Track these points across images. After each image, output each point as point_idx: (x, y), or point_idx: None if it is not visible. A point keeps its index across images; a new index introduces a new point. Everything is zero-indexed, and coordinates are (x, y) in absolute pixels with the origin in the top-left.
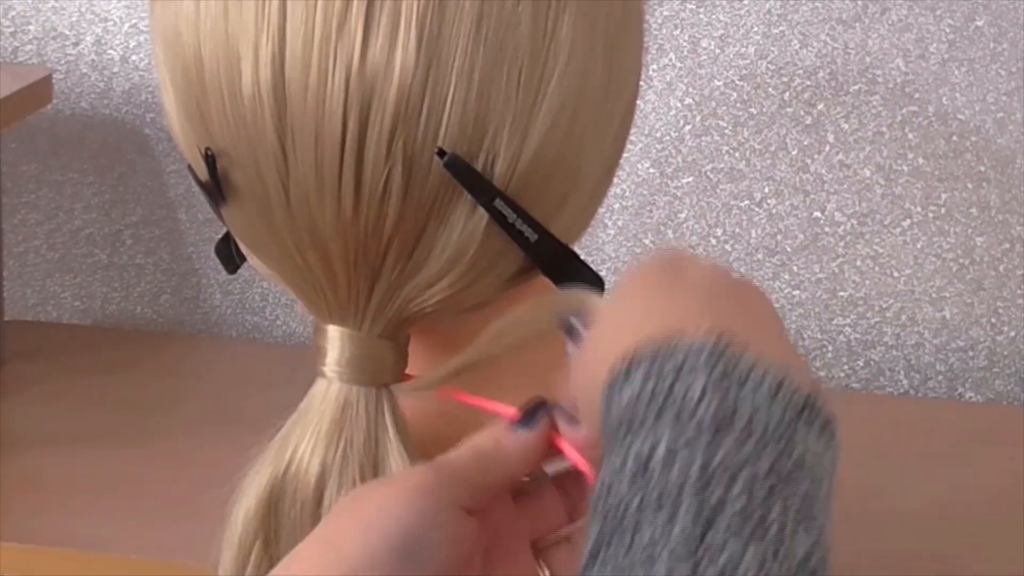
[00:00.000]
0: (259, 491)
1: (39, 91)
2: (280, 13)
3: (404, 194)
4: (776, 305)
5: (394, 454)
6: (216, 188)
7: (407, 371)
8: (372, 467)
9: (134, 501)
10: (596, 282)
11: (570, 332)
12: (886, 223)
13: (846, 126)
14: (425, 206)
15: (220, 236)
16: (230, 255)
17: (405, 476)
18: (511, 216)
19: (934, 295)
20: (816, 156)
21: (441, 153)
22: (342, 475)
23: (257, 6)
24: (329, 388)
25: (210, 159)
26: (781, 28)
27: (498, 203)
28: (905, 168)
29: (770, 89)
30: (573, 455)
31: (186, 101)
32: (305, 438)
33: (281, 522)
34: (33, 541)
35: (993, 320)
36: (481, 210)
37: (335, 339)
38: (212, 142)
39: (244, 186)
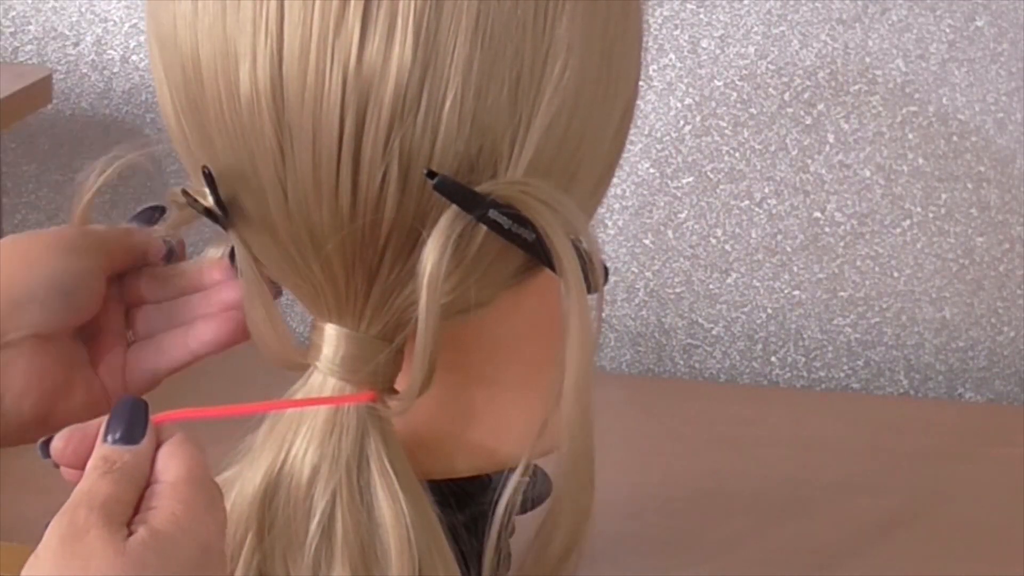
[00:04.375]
0: (255, 484)
1: (39, 91)
2: (278, 13)
3: (401, 193)
4: (776, 305)
5: (375, 459)
6: (216, 197)
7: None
8: (356, 468)
9: None
10: (601, 271)
11: None
12: (886, 223)
13: (846, 126)
14: (422, 206)
15: None
16: (233, 260)
17: (59, 233)
18: (507, 223)
19: (934, 295)
20: (816, 156)
21: (431, 175)
22: (331, 473)
23: (255, 6)
24: (324, 385)
25: (208, 176)
26: (781, 28)
27: (492, 213)
28: (905, 168)
29: (770, 89)
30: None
31: (183, 102)
32: (300, 434)
33: (275, 516)
34: (33, 541)
35: (993, 320)
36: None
37: (332, 337)
38: (210, 143)
39: (242, 188)
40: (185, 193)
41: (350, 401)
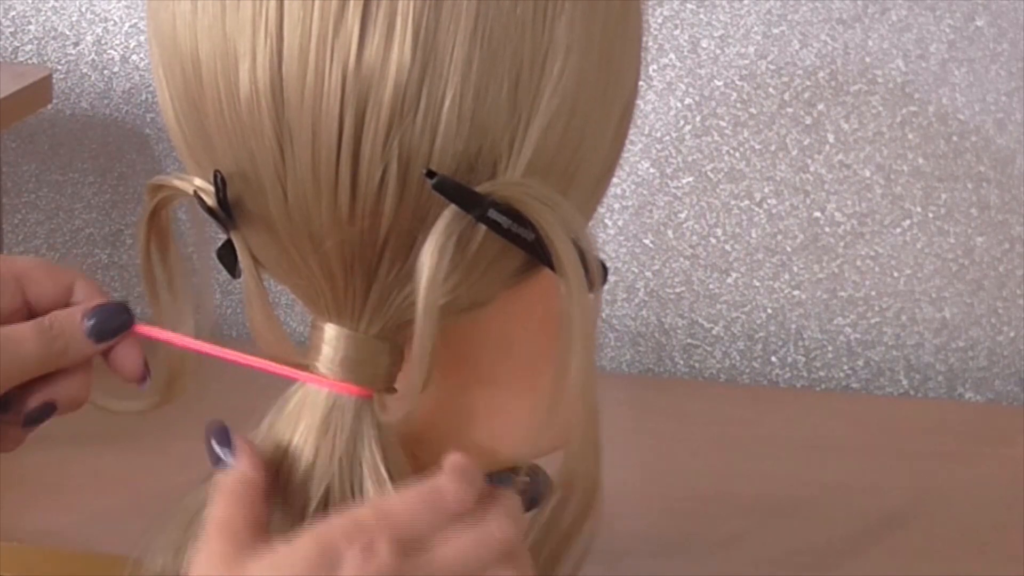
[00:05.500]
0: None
1: (39, 91)
2: (277, 13)
3: (400, 193)
4: (776, 305)
5: (368, 458)
6: (221, 198)
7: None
8: (348, 466)
9: (134, 501)
10: (600, 270)
11: (216, 461)
12: (886, 223)
13: (846, 126)
14: (421, 206)
15: (223, 241)
16: (234, 260)
17: None
18: (506, 223)
19: (934, 295)
20: (816, 156)
21: (430, 174)
22: (325, 470)
23: (254, 6)
24: (323, 385)
25: (218, 178)
26: (781, 28)
27: (492, 213)
28: (905, 168)
29: (770, 89)
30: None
31: (183, 102)
32: (299, 431)
33: (273, 511)
34: (33, 541)
35: (993, 320)
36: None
37: (331, 338)
38: (210, 143)
39: (242, 188)
40: (195, 194)
41: (344, 390)
